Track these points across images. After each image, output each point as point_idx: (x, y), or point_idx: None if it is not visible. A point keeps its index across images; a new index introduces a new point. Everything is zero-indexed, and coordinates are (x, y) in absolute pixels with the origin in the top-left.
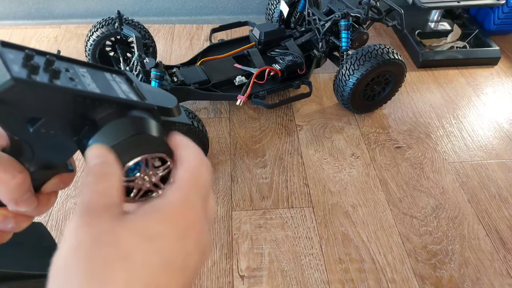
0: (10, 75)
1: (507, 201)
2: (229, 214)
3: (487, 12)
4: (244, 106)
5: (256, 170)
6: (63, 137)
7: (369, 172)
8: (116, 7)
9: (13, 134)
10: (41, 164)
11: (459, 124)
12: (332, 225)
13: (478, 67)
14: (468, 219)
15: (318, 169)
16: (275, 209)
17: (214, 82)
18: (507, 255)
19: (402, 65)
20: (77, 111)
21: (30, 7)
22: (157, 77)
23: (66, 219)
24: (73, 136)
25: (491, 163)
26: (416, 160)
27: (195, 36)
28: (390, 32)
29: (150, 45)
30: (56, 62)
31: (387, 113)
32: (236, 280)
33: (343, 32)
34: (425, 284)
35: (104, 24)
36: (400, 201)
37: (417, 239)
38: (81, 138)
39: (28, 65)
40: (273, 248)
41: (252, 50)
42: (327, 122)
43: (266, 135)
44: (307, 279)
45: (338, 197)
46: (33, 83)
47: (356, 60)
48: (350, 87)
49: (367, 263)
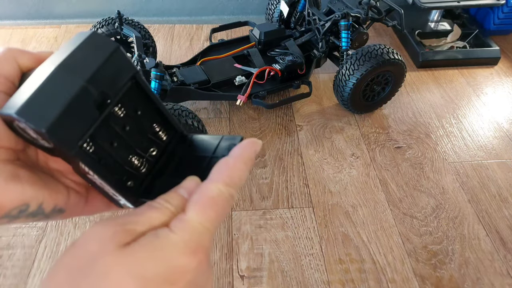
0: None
1: (507, 201)
2: (229, 214)
3: (487, 12)
4: (244, 106)
5: (256, 170)
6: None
7: (369, 172)
8: (116, 7)
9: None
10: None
11: (459, 124)
12: (332, 225)
13: (478, 67)
14: (468, 219)
15: (318, 169)
16: (275, 209)
17: (214, 82)
18: (507, 255)
19: (402, 65)
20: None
21: (30, 7)
22: (157, 77)
23: (67, 219)
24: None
25: (491, 163)
26: (416, 160)
27: (195, 36)
28: (390, 32)
29: (150, 45)
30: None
31: (387, 113)
32: (236, 280)
33: (343, 32)
34: (425, 284)
35: (104, 24)
36: (400, 201)
37: (417, 239)
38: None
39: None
40: (273, 248)
41: (252, 50)
42: (327, 122)
43: (266, 135)
44: (307, 280)
45: (338, 197)
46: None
47: (356, 60)
48: (350, 87)
49: (367, 263)
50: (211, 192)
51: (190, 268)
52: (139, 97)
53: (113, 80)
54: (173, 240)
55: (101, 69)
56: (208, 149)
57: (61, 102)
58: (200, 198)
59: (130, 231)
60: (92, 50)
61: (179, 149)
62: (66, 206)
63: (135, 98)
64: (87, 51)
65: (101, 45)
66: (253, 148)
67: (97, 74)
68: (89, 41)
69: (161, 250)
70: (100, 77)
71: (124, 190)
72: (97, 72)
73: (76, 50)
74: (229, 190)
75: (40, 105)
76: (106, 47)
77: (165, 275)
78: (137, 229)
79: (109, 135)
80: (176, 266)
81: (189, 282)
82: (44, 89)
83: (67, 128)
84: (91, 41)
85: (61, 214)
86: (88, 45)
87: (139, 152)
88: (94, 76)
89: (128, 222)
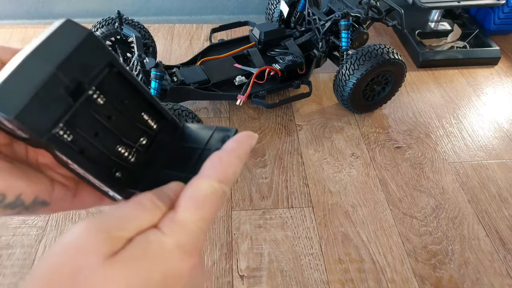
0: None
1: (507, 201)
2: (229, 214)
3: (487, 12)
4: (244, 106)
5: (256, 170)
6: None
7: (369, 172)
8: (116, 7)
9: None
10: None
11: (459, 124)
12: (332, 225)
13: (478, 67)
14: (468, 219)
15: (318, 169)
16: (275, 209)
17: (214, 82)
18: (507, 255)
19: (402, 65)
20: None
21: (29, 6)
22: (157, 77)
23: (67, 219)
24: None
25: (491, 163)
26: (416, 160)
27: (195, 36)
28: (390, 32)
29: (150, 45)
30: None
31: (387, 113)
32: (235, 280)
33: (343, 32)
34: (425, 284)
35: (104, 24)
36: (400, 201)
37: (417, 239)
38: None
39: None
40: (273, 248)
41: (252, 50)
42: (327, 122)
43: (266, 135)
44: (306, 279)
45: (338, 197)
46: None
47: (356, 60)
48: (350, 87)
49: (367, 263)
50: (204, 189)
51: (186, 272)
52: (122, 85)
53: (86, 66)
54: (166, 244)
55: (72, 56)
56: (200, 140)
57: (30, 89)
58: (192, 195)
59: (117, 239)
60: (64, 37)
61: (170, 138)
62: (50, 198)
63: (118, 86)
64: (59, 38)
65: (73, 32)
66: (248, 142)
67: (68, 60)
68: (62, 28)
69: (154, 257)
70: (72, 64)
71: (111, 181)
72: (68, 59)
73: (48, 38)
74: (223, 187)
75: (9, 93)
76: (79, 33)
77: (161, 283)
78: (124, 235)
79: (91, 125)
80: (171, 272)
81: (184, 286)
82: (13, 78)
83: (37, 115)
84: (64, 28)
85: (45, 207)
86: (60, 33)
87: (128, 142)
88: (65, 63)
89: (115, 228)
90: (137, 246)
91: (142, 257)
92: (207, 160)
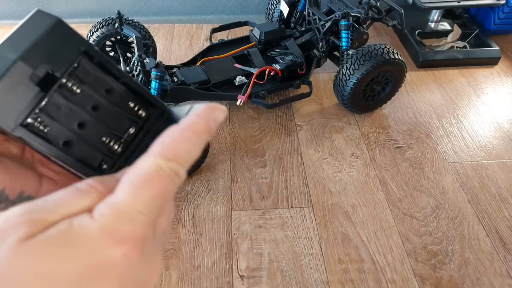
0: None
1: (507, 201)
2: (229, 214)
3: (487, 12)
4: (244, 106)
5: (256, 170)
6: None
7: (369, 172)
8: (116, 7)
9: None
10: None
11: (459, 124)
12: (331, 225)
13: (478, 67)
14: (468, 219)
15: (318, 169)
16: (275, 209)
17: (214, 82)
18: (507, 255)
19: (402, 65)
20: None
21: (29, 6)
22: (158, 77)
23: None
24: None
25: (491, 163)
26: (416, 160)
27: (195, 36)
28: (390, 32)
29: (150, 45)
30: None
31: (387, 113)
32: (235, 280)
33: (343, 32)
34: (425, 284)
35: (104, 24)
36: (400, 201)
37: (417, 239)
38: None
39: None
40: (273, 248)
41: (252, 50)
42: (327, 122)
43: (266, 135)
44: (306, 279)
45: (338, 197)
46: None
47: (356, 60)
48: (350, 87)
49: (366, 263)
50: (147, 168)
51: (118, 261)
52: (101, 74)
53: (55, 55)
54: (90, 230)
55: (37, 44)
56: (177, 121)
57: None
58: (132, 175)
59: (39, 221)
60: (32, 27)
61: (157, 124)
62: (38, 193)
63: (98, 75)
64: (27, 29)
65: (41, 21)
66: (210, 116)
67: (33, 49)
68: (31, 19)
69: (74, 243)
70: (37, 52)
71: (95, 173)
72: (33, 47)
73: (17, 29)
74: (171, 166)
75: None
76: (47, 21)
77: (84, 273)
78: (49, 218)
79: (73, 116)
80: (97, 260)
81: (120, 278)
82: None
83: (1, 106)
84: (33, 18)
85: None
86: (29, 23)
87: (115, 132)
88: (29, 52)
89: (41, 209)
90: (56, 230)
91: (59, 243)
92: (158, 137)
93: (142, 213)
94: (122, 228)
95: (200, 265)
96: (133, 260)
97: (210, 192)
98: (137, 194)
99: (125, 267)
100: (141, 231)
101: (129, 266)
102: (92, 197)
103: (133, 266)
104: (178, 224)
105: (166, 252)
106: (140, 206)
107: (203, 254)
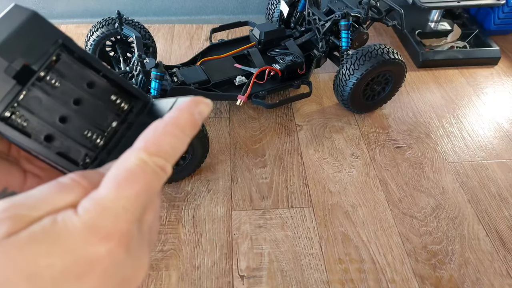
0: None
1: (507, 201)
2: (229, 214)
3: (487, 12)
4: (244, 106)
5: (256, 170)
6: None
7: (369, 172)
8: (116, 7)
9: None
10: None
11: (459, 124)
12: (332, 225)
13: (478, 67)
14: (468, 219)
15: (318, 169)
16: (275, 209)
17: (214, 82)
18: (507, 255)
19: (402, 65)
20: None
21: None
22: (158, 77)
23: None
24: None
25: (491, 163)
26: (416, 160)
27: (195, 36)
28: (390, 32)
29: (150, 45)
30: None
31: (387, 113)
32: (235, 280)
33: (343, 32)
34: (425, 284)
35: (104, 24)
36: (400, 201)
37: (417, 239)
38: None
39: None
40: (273, 248)
41: (252, 50)
42: (327, 122)
43: (266, 135)
44: (306, 279)
45: (338, 197)
46: None
47: (356, 60)
48: (350, 87)
49: (367, 263)
50: (130, 163)
51: (103, 257)
52: (82, 68)
53: (31, 48)
54: (73, 225)
55: (11, 38)
56: (161, 115)
57: None
58: (116, 170)
59: (22, 217)
60: (7, 21)
61: (140, 117)
62: (22, 190)
63: (78, 68)
64: (3, 22)
65: (17, 15)
66: (195, 110)
67: (6, 42)
68: (8, 13)
69: (58, 239)
70: (12, 46)
71: (78, 167)
72: (6, 41)
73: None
74: (156, 161)
75: None
76: (23, 15)
77: (66, 269)
78: (32, 215)
79: (53, 110)
80: (80, 257)
81: (103, 274)
82: None
83: None
84: (10, 13)
85: None
86: (5, 18)
87: (98, 126)
88: (4, 44)
89: (24, 205)
90: (39, 226)
91: (42, 239)
92: (143, 132)
93: (126, 209)
94: (106, 224)
95: (200, 265)
96: (118, 256)
97: (210, 192)
98: (121, 190)
99: (110, 263)
100: (126, 227)
101: (114, 263)
102: (76, 192)
103: (118, 262)
104: (178, 224)
105: (166, 252)
106: (124, 201)
107: (203, 254)
